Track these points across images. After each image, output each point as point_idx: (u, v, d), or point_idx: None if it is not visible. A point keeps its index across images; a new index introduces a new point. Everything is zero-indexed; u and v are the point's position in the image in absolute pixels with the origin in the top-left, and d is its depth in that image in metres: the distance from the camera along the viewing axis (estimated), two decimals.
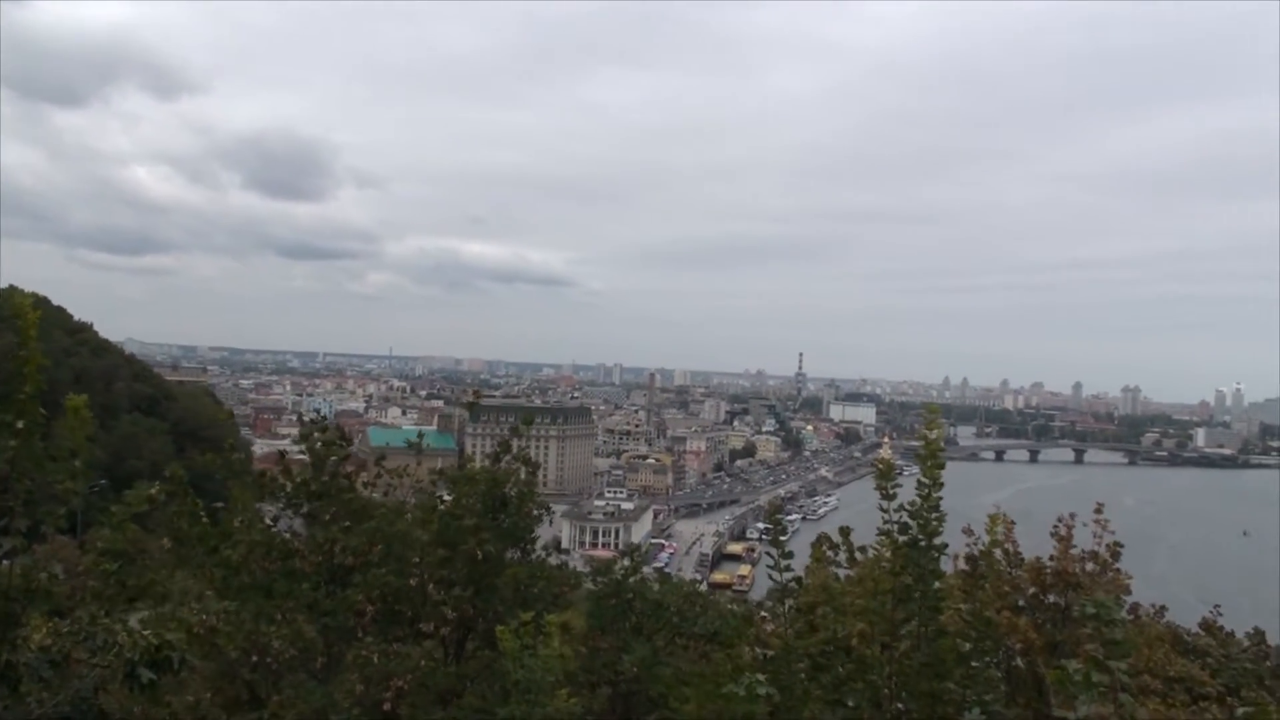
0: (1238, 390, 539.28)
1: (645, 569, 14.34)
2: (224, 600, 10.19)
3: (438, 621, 10.82)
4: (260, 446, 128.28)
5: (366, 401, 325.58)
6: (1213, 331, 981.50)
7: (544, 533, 12.56)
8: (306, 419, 12.00)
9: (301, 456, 11.82)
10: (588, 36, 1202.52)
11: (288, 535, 11.01)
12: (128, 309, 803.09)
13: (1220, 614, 14.36)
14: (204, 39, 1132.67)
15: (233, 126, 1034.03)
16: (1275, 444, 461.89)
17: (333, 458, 11.39)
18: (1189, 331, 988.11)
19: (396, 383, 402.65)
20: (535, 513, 11.94)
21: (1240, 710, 4.28)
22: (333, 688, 9.42)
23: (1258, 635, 14.07)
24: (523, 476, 11.99)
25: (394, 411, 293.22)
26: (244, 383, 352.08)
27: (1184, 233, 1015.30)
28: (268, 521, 11.00)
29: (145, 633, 7.02)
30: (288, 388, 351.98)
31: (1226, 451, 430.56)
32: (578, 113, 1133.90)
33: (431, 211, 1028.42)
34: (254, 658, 9.46)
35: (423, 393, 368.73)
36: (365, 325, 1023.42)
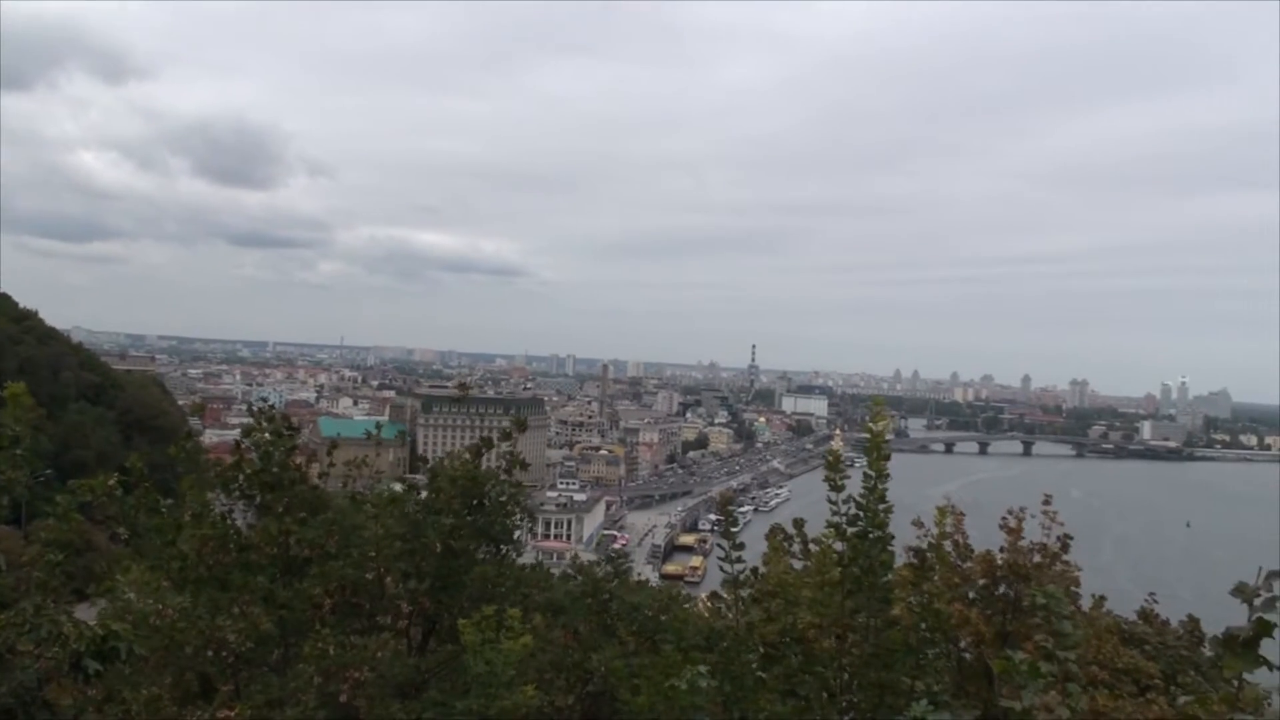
0: (1183, 384, 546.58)
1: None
2: (180, 593, 10.09)
3: (396, 615, 10.76)
4: (210, 436, 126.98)
5: (318, 391, 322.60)
6: (1159, 325, 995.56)
7: None
8: (255, 409, 11.83)
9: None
10: (542, 26, 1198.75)
11: (242, 527, 10.88)
12: (75, 297, 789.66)
13: (1156, 602, 14.64)
14: (152, 23, 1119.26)
15: (182, 113, 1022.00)
16: (1219, 437, 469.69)
17: (280, 448, 11.21)
18: (1136, 325, 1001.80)
19: (348, 373, 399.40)
20: (518, 515, 11.87)
21: (1181, 699, 4.36)
22: (289, 679, 9.35)
23: (1192, 622, 14.33)
24: (506, 476, 11.92)
25: (345, 402, 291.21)
26: (193, 372, 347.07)
27: (1131, 227, 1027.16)
28: (220, 513, 10.83)
29: (91, 623, 6.96)
30: (238, 377, 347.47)
31: (1171, 444, 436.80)
32: (532, 103, 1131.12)
33: (384, 200, 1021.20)
34: (210, 652, 9.38)
35: (374, 383, 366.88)
36: (316, 314, 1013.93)
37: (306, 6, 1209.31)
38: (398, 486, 12.36)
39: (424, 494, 11.86)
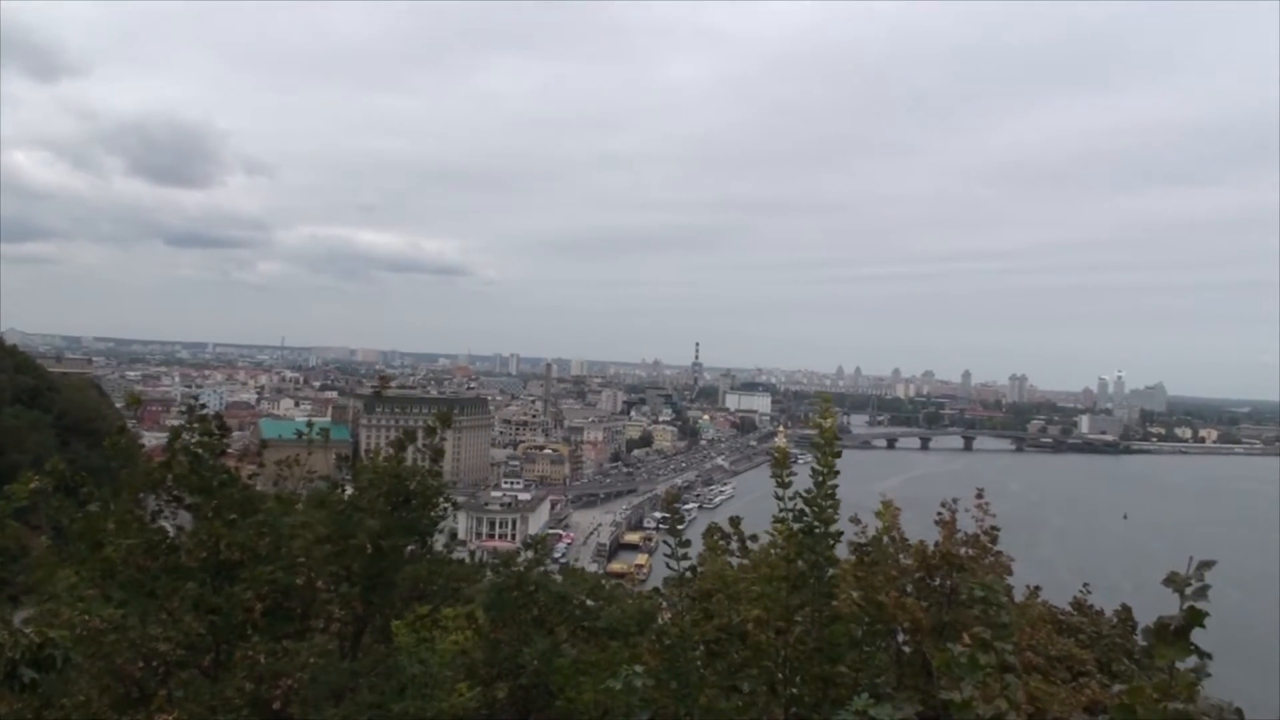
0: (1119, 378, 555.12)
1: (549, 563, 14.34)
2: (107, 599, 9.92)
3: (329, 618, 10.65)
4: (149, 439, 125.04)
5: (259, 393, 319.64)
6: (1096, 320, 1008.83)
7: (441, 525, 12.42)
8: (187, 408, 11.63)
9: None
10: (482, 24, 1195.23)
11: (171, 530, 10.70)
12: (8, 298, 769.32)
13: (1090, 592, 14.88)
14: (83, 20, 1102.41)
15: (116, 111, 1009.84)
16: (1155, 430, 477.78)
17: (210, 450, 11.00)
18: (1073, 320, 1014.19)
19: (289, 374, 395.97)
20: (442, 507, 11.79)
21: (1116, 687, 4.44)
22: (222, 686, 9.25)
23: (1124, 611, 14.56)
24: (427, 469, 11.84)
25: (287, 403, 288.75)
26: (130, 374, 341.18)
27: (1068, 224, 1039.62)
28: (148, 516, 10.64)
29: (28, 631, 6.84)
30: (176, 379, 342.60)
31: (1108, 438, 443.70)
32: (472, 100, 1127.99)
33: (323, 199, 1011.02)
34: (140, 663, 9.24)
35: (316, 384, 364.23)
36: (256, 315, 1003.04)
37: (241, 3, 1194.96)
38: (322, 486, 12.23)
39: (349, 492, 11.75)
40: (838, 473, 8.41)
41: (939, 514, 10.34)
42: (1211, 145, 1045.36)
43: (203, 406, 11.79)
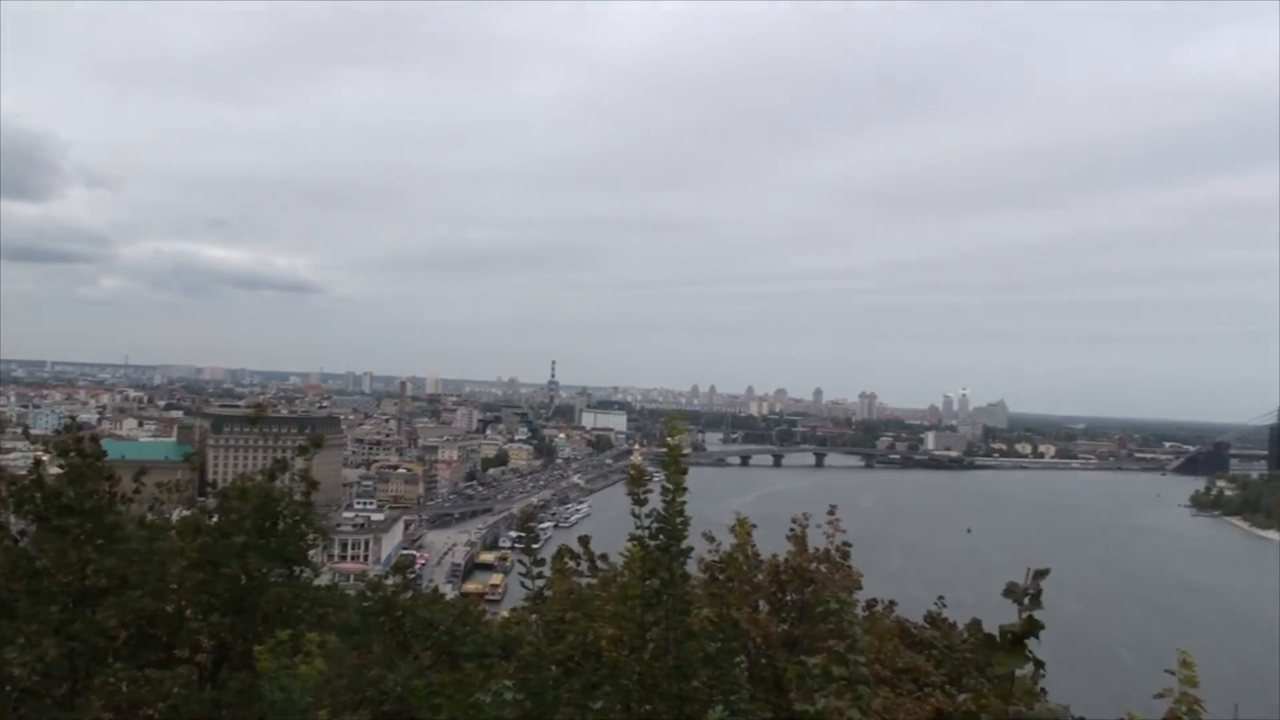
0: (963, 395, 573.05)
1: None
2: None
3: (193, 646, 10.37)
4: None
5: (100, 413, 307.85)
6: (940, 339, 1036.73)
7: None
8: (55, 430, 11.27)
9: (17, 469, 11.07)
10: (328, 35, 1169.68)
11: (33, 552, 10.32)
12: None
13: (944, 606, 15.26)
14: None
15: None
16: (997, 446, 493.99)
17: (88, 471, 10.65)
18: (919, 339, 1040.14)
19: (133, 393, 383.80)
20: (311, 535, 11.60)
21: (961, 697, 4.58)
22: (78, 715, 8.94)
23: (975, 625, 14.96)
24: (298, 496, 11.65)
25: (130, 423, 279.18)
26: None
27: (913, 245, 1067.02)
28: (10, 538, 10.26)
29: None
30: (12, 399, 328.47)
31: (953, 454, 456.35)
32: (320, 114, 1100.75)
33: (168, 214, 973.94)
34: None
35: (161, 403, 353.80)
36: (98, 332, 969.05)
37: (82, 11, 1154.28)
38: (186, 512, 11.95)
39: (215, 518, 11.50)
40: (686, 489, 8.49)
41: (791, 530, 10.52)
42: (1042, 171, 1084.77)
43: (80, 426, 11.43)
